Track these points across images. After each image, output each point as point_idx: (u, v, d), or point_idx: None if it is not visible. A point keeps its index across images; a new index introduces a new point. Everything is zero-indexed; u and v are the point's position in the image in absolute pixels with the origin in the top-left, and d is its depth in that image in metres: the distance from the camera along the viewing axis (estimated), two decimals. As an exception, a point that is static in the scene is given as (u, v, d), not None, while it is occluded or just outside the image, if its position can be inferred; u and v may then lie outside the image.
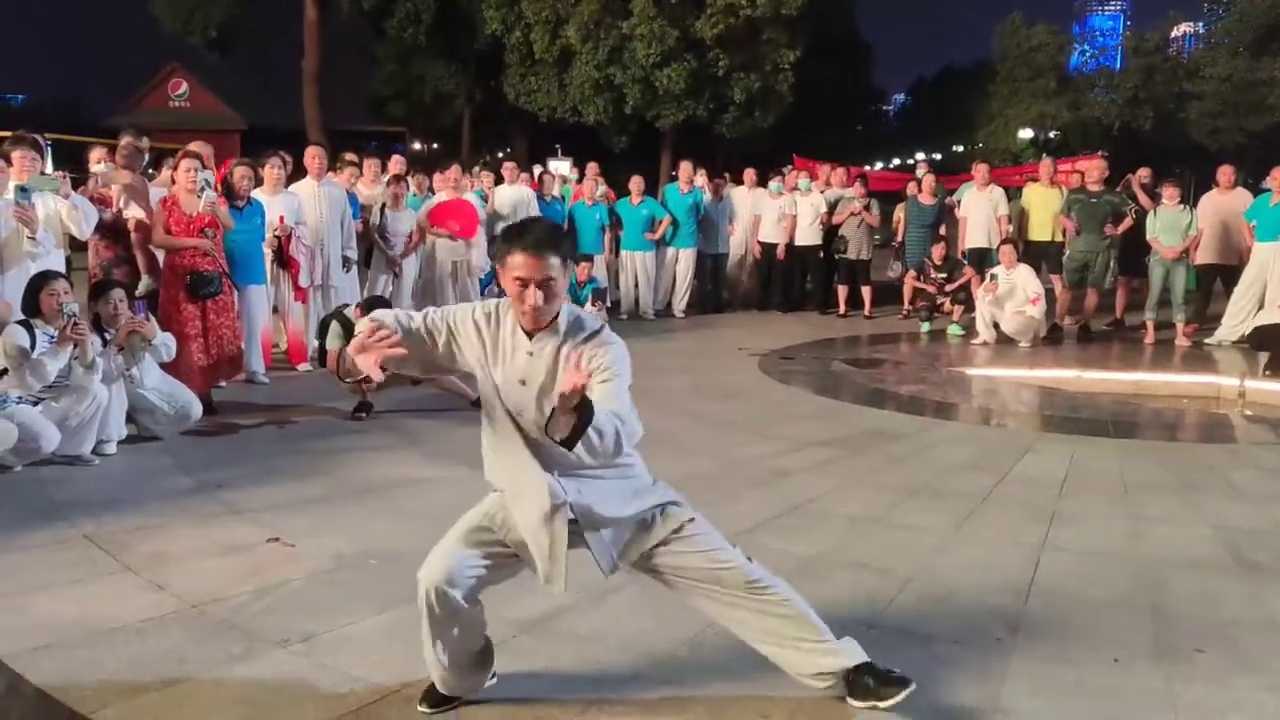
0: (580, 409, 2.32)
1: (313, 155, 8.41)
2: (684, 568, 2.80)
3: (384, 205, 9.14)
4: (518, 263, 2.58)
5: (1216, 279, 10.34)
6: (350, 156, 9.83)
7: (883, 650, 3.11)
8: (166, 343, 5.75)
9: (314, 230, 8.11)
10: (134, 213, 7.02)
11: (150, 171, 9.00)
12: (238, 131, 30.36)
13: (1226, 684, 3.15)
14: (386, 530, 4.41)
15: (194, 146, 7.53)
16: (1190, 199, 10.43)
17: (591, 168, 12.60)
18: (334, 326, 6.62)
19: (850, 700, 2.86)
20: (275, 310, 8.08)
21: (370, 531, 4.39)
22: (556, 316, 2.66)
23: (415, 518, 4.59)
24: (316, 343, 7.59)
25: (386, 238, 9.14)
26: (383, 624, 3.45)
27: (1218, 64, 32.26)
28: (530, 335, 2.67)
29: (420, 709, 2.88)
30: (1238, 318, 9.82)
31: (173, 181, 7.10)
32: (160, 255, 6.95)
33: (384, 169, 10.04)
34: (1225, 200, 10.21)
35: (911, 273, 11.07)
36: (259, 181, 7.72)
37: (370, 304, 6.81)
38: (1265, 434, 7.18)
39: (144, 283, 7.05)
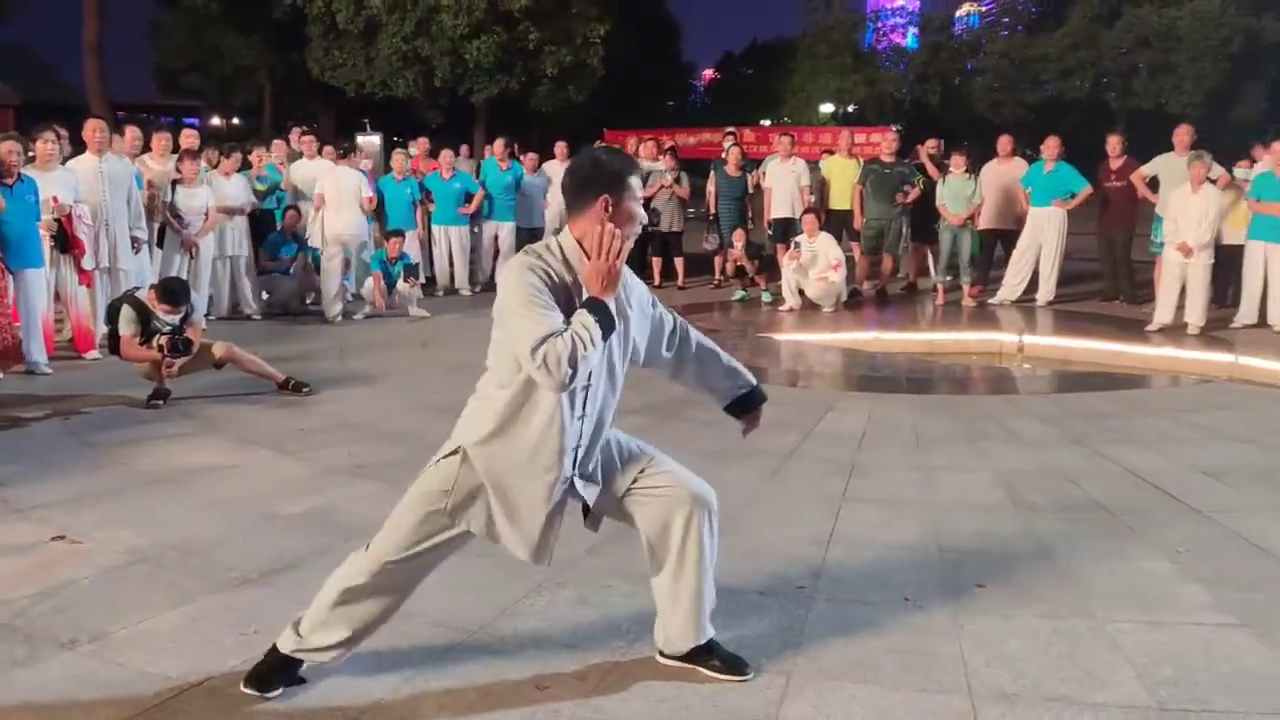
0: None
1: (93, 129, 7.85)
2: (656, 488, 2.87)
3: (175, 182, 8.65)
4: (638, 185, 2.69)
5: (998, 242, 11.06)
6: (133, 130, 9.23)
7: (692, 605, 3.22)
8: (-72, 333, 5.28)
9: (96, 209, 7.59)
10: None
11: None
12: (10, 107, 27.95)
13: (1005, 614, 3.41)
14: (185, 520, 4.21)
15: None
16: (976, 168, 11.08)
17: (421, 143, 12.98)
18: (126, 310, 6.23)
19: (672, 660, 2.97)
20: (58, 296, 7.54)
21: (167, 523, 4.18)
22: None
23: (217, 506, 4.42)
24: (106, 329, 7.13)
25: (180, 216, 8.67)
26: (181, 617, 3.30)
27: (996, 42, 34.42)
28: None
29: (247, 690, 2.79)
30: (1016, 278, 10.56)
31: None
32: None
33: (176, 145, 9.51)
34: (1004, 169, 10.91)
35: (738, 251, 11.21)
36: (32, 158, 7.15)
37: (167, 286, 6.46)
38: (1040, 385, 7.80)
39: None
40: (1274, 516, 4.33)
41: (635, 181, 2.67)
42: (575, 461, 2.72)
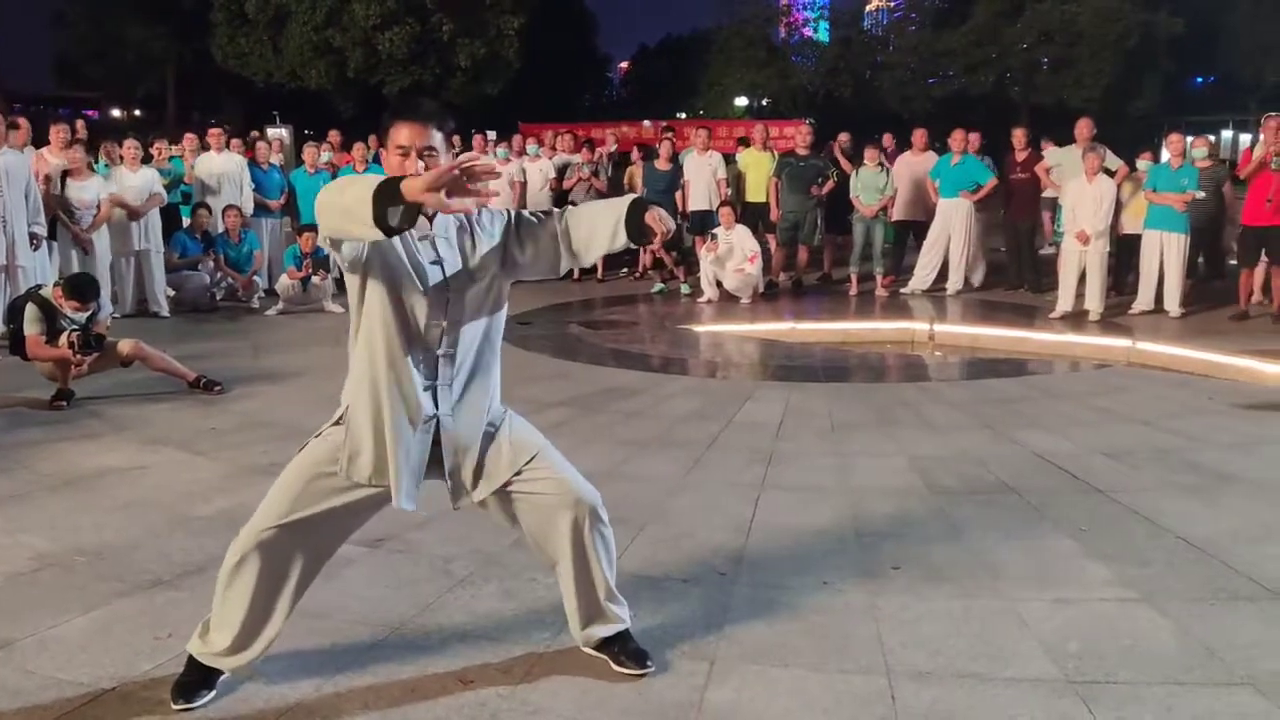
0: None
1: (-13, 122, 7.57)
2: (536, 494, 2.79)
3: (65, 174, 8.35)
4: (400, 133, 2.55)
5: (910, 233, 11.30)
6: (23, 122, 8.88)
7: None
8: None
9: (-9, 204, 7.32)
10: None
11: None
12: (-106, 97, 26.68)
13: (920, 595, 3.51)
14: (94, 524, 4.10)
15: None
16: (888, 161, 11.29)
17: (333, 136, 12.90)
18: (31, 309, 6.01)
19: (589, 649, 2.99)
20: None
21: (75, 526, 4.06)
22: None
23: (126, 508, 4.31)
24: (6, 328, 6.86)
25: (70, 210, 8.38)
26: (93, 623, 3.21)
27: (905, 36, 35.07)
28: (430, 222, 2.63)
29: (176, 706, 2.71)
30: (926, 269, 10.81)
31: None
32: None
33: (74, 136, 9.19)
34: (917, 161, 11.16)
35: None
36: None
37: (75, 282, 6.27)
38: (951, 372, 8.02)
39: None
40: (1169, 495, 4.53)
41: (399, 129, 2.56)
42: (437, 400, 2.68)
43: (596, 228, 2.70)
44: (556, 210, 2.82)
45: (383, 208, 2.22)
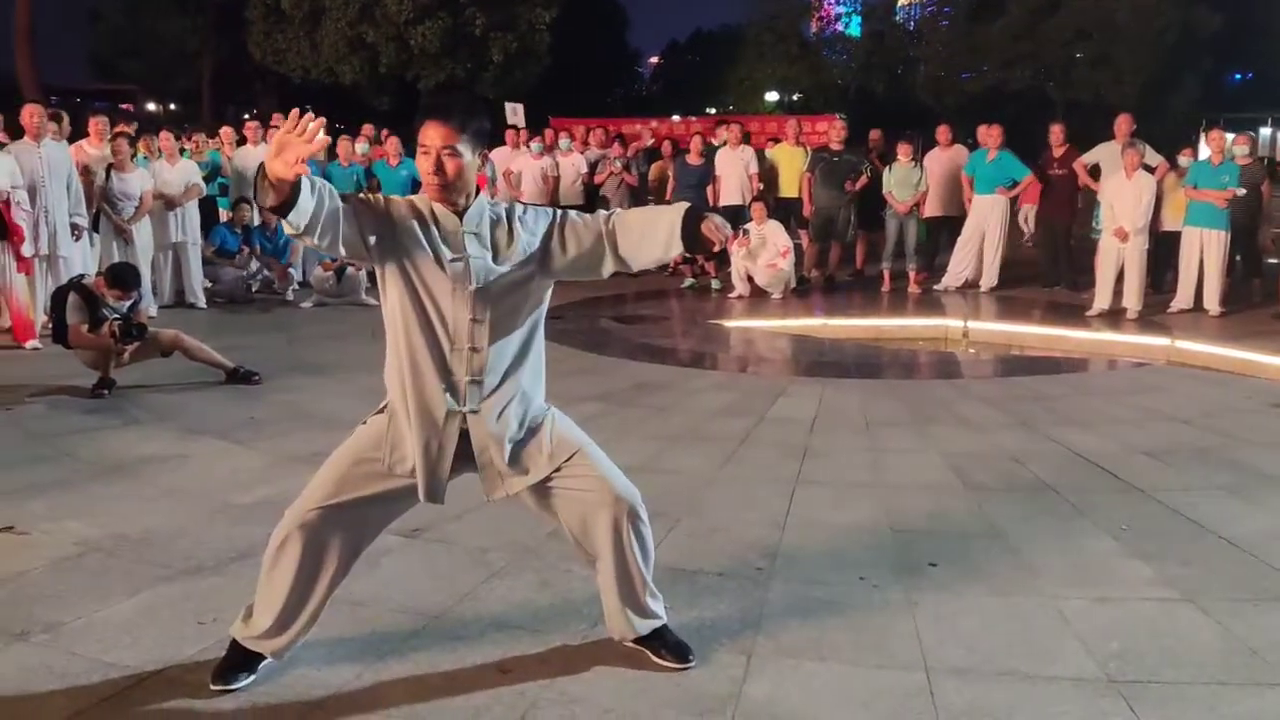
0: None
1: (31, 113, 7.69)
2: (576, 490, 2.79)
3: (110, 166, 8.46)
4: (425, 132, 2.57)
5: (944, 230, 11.22)
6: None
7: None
8: None
9: (35, 195, 7.42)
10: None
11: None
12: (-62, 91, 27.09)
13: (957, 592, 3.49)
14: (136, 510, 4.15)
15: None
16: (920, 156, 11.19)
17: (366, 129, 12.91)
18: (73, 298, 6.10)
19: (628, 643, 2.98)
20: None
21: (118, 512, 4.12)
22: (471, 199, 2.67)
23: (168, 495, 4.36)
24: (47, 317, 6.97)
25: (113, 202, 8.49)
26: (136, 606, 3.26)
27: (938, 31, 34.78)
28: (460, 218, 2.64)
29: (214, 687, 2.76)
30: (960, 265, 10.73)
31: None
32: None
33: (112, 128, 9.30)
34: (947, 156, 11.08)
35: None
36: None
37: (117, 271, 6.37)
38: (985, 369, 7.96)
39: None
40: (1210, 494, 4.48)
41: (424, 128, 2.57)
42: (464, 395, 2.68)
43: (647, 235, 2.70)
44: (604, 213, 2.82)
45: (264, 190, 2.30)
